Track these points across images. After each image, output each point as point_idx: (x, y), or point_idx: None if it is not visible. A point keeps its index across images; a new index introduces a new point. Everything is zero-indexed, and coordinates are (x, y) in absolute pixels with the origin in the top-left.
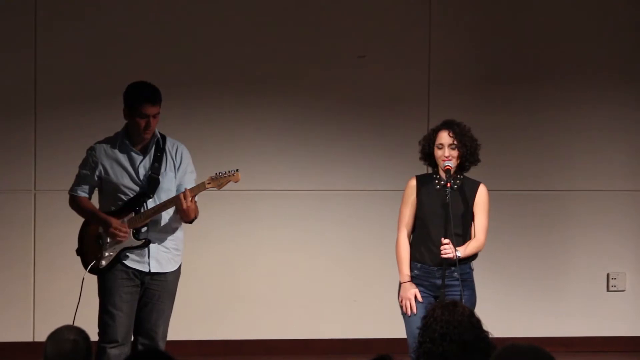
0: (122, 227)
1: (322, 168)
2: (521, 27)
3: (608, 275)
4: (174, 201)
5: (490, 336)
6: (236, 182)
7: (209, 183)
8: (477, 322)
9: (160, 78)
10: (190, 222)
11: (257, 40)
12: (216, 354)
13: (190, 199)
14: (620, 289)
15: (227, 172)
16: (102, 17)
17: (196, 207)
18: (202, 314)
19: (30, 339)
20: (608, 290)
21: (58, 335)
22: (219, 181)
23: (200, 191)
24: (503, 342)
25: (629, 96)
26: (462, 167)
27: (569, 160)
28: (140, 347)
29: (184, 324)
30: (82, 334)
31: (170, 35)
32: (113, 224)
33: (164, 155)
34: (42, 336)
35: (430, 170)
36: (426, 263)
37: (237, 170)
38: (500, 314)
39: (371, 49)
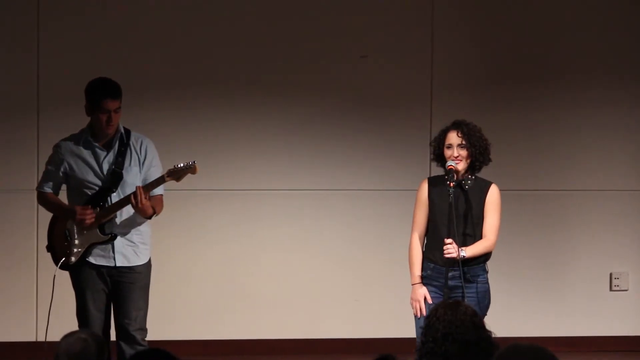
0: (86, 210)
1: (324, 168)
2: (523, 27)
3: (611, 274)
4: (128, 200)
5: (492, 336)
6: (194, 174)
7: (168, 176)
8: (480, 322)
9: (163, 78)
10: (149, 217)
11: (259, 39)
12: (218, 354)
13: (145, 196)
14: (623, 288)
15: (185, 165)
16: (104, 16)
17: (161, 202)
18: (204, 314)
19: (33, 339)
20: (611, 289)
21: (72, 334)
22: (177, 174)
23: (159, 185)
24: (505, 342)
25: (632, 95)
26: (472, 167)
27: (571, 160)
28: (118, 340)
29: (186, 324)
30: (94, 336)
31: (173, 35)
32: (78, 210)
33: (128, 149)
34: (44, 336)
35: (426, 170)
36: (437, 263)
37: (194, 162)
38: (503, 314)
39: (373, 49)
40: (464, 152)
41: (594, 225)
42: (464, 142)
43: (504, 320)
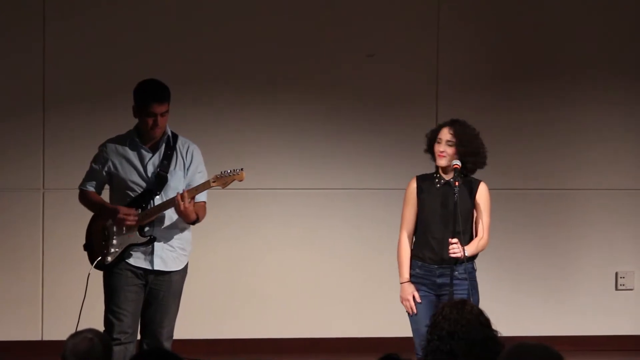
0: (130, 211)
1: (330, 166)
2: (530, 26)
3: (617, 274)
4: (172, 202)
5: (498, 335)
6: (240, 181)
7: (213, 182)
8: (486, 321)
9: (170, 76)
10: (192, 223)
11: (267, 39)
12: (224, 353)
13: (189, 200)
14: (628, 287)
15: (231, 171)
16: (111, 14)
17: (204, 209)
18: (210, 313)
19: (38, 338)
20: (617, 289)
21: (78, 333)
22: (223, 180)
23: (204, 189)
24: (511, 341)
25: None
26: (464, 167)
27: (577, 159)
28: (145, 347)
29: (191, 323)
30: (100, 335)
31: (180, 33)
32: (120, 210)
33: (174, 153)
34: (50, 335)
35: (432, 169)
36: (426, 262)
37: (241, 169)
38: (509, 313)
39: (380, 49)
40: (450, 150)
41: (600, 224)
42: (453, 140)
43: (509, 320)
